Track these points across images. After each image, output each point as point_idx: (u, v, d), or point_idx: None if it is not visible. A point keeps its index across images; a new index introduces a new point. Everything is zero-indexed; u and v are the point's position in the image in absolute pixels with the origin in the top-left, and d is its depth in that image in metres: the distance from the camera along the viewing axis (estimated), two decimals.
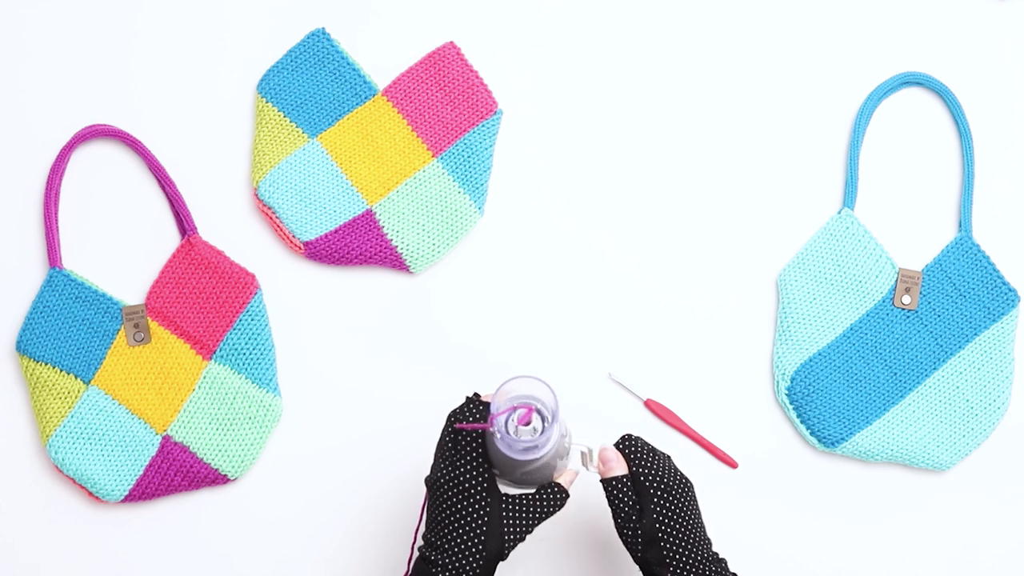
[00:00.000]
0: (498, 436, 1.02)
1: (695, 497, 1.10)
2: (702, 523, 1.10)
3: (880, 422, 1.32)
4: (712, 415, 1.34)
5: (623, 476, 1.09)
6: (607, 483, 1.10)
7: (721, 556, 1.09)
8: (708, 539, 1.09)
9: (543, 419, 1.04)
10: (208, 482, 1.30)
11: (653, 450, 1.11)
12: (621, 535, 1.08)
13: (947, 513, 1.32)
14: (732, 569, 1.14)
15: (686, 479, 1.10)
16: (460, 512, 1.04)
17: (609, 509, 1.11)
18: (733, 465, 1.33)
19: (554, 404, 1.04)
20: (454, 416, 1.07)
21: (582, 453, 1.12)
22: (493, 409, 1.03)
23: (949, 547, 1.32)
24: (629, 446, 1.11)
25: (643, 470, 1.09)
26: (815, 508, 1.32)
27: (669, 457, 1.13)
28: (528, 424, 1.04)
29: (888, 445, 1.31)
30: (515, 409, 1.04)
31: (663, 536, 1.06)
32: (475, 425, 1.04)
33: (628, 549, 1.09)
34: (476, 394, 1.09)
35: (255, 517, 1.31)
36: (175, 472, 1.29)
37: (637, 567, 1.11)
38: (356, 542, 1.30)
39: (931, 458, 1.32)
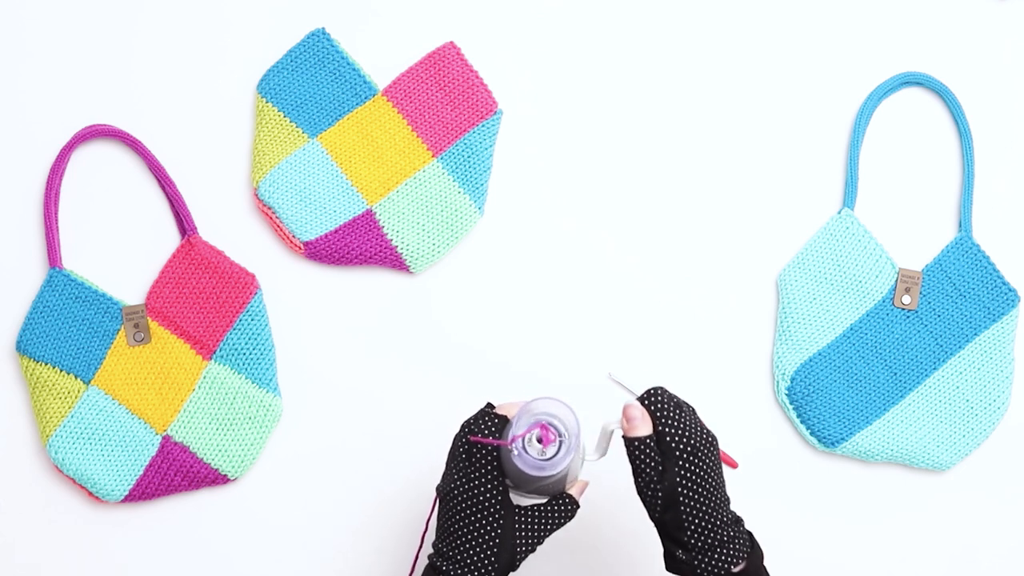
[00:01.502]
0: (515, 453, 1.03)
1: (718, 453, 1.07)
2: (723, 481, 1.07)
3: (880, 422, 1.32)
4: (712, 415, 1.34)
5: (647, 436, 1.06)
6: (630, 442, 1.06)
7: (738, 515, 1.08)
8: (727, 497, 1.07)
9: (561, 440, 1.04)
10: (208, 482, 1.30)
11: (679, 404, 1.07)
12: (641, 495, 1.06)
13: (947, 513, 1.32)
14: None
15: (710, 435, 1.07)
16: (474, 525, 1.04)
17: (630, 467, 1.08)
18: (733, 465, 1.33)
19: (576, 428, 1.04)
20: (468, 427, 1.06)
21: (611, 430, 1.10)
22: (515, 427, 1.03)
23: (949, 547, 1.32)
24: (655, 401, 1.07)
25: (669, 430, 1.05)
26: (815, 508, 1.32)
27: (694, 410, 1.09)
28: (547, 444, 1.04)
29: (888, 445, 1.31)
30: (535, 428, 1.04)
31: (684, 500, 1.04)
32: (493, 441, 1.04)
33: (647, 509, 1.06)
34: (490, 404, 1.09)
35: (255, 517, 1.31)
36: (175, 472, 1.29)
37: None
38: (356, 542, 1.30)
39: (931, 458, 1.32)
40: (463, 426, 1.07)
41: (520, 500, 1.10)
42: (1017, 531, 1.33)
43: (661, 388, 1.08)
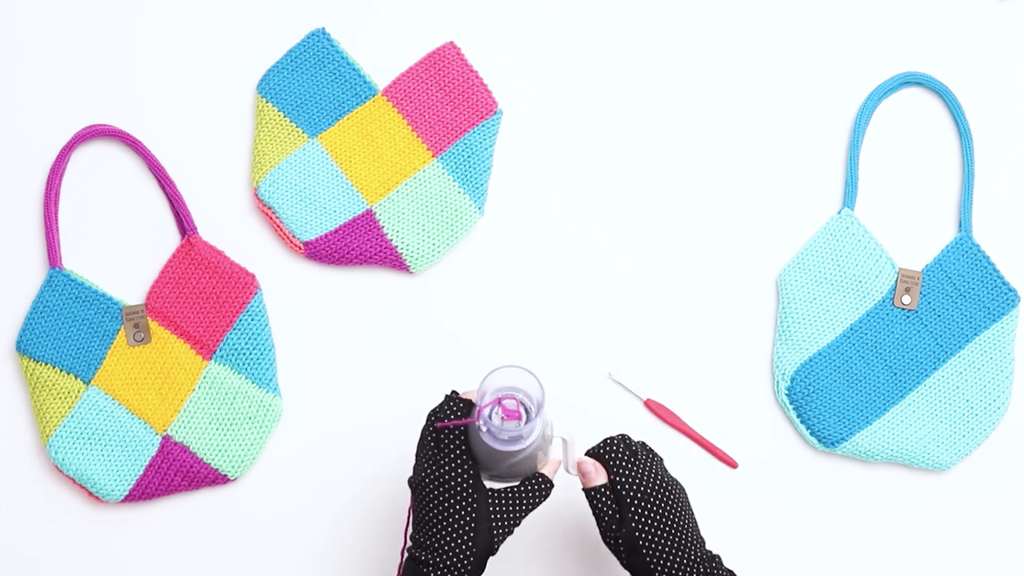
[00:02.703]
0: (483, 429, 1.02)
1: (684, 500, 1.09)
2: (692, 524, 1.08)
3: (880, 422, 1.32)
4: (712, 415, 1.34)
5: (602, 486, 1.08)
6: (588, 493, 1.09)
7: (715, 553, 1.08)
8: (700, 539, 1.08)
9: (527, 409, 1.04)
10: (208, 482, 1.30)
11: (634, 453, 1.09)
12: (605, 542, 1.08)
13: (947, 513, 1.32)
14: (731, 567, 1.14)
15: (670, 483, 1.08)
16: (447, 511, 1.04)
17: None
18: (733, 465, 1.33)
19: (540, 394, 1.03)
20: (434, 415, 1.07)
21: (563, 440, 1.11)
22: (478, 401, 1.03)
23: (949, 547, 1.32)
24: (609, 452, 1.09)
25: (620, 479, 1.08)
26: (815, 508, 1.32)
27: (658, 460, 1.11)
28: (513, 416, 1.04)
29: (888, 445, 1.31)
30: (500, 400, 1.03)
31: (644, 544, 1.05)
32: (459, 421, 1.04)
33: (614, 555, 1.08)
34: (454, 391, 1.09)
35: (255, 517, 1.31)
36: (175, 472, 1.29)
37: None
38: (356, 542, 1.30)
39: (931, 458, 1.32)
40: (429, 415, 1.08)
41: (495, 486, 1.09)
42: (1017, 531, 1.33)
43: (620, 436, 1.10)
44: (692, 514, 1.09)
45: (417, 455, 1.09)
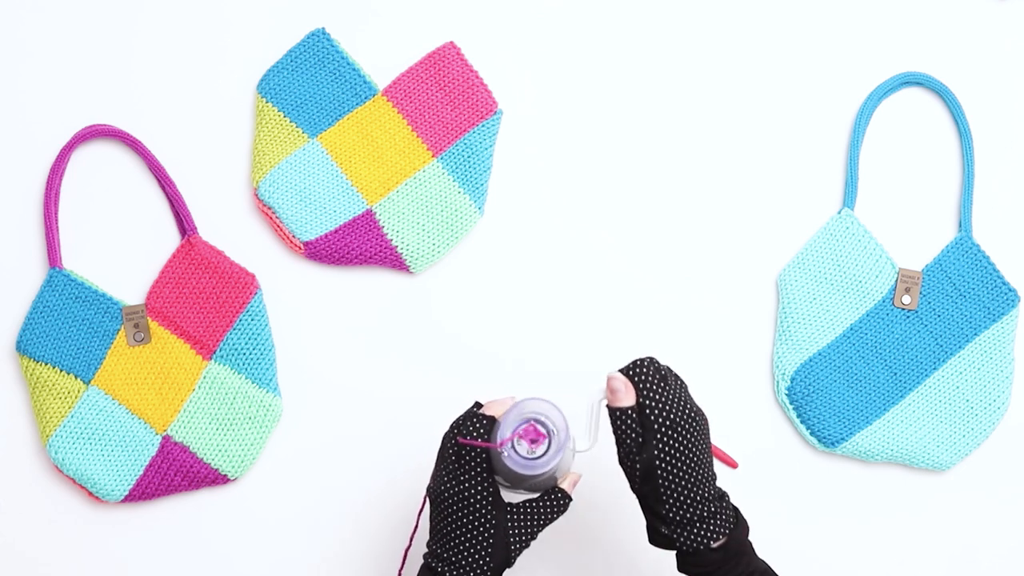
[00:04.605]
0: (505, 454, 1.03)
1: (706, 431, 1.06)
2: (709, 459, 1.06)
3: (880, 422, 1.32)
4: (712, 415, 1.33)
5: (629, 408, 1.05)
6: (612, 413, 1.06)
7: (723, 490, 1.07)
8: (713, 474, 1.06)
9: (550, 437, 1.04)
10: (208, 482, 1.30)
11: (664, 378, 1.06)
12: (622, 465, 1.06)
13: (947, 513, 1.32)
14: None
15: (696, 412, 1.06)
16: (466, 526, 1.04)
17: (614, 438, 1.07)
18: (733, 465, 1.33)
19: (563, 425, 1.04)
20: (456, 429, 1.06)
21: (589, 403, 1.09)
22: (503, 429, 1.03)
23: (949, 547, 1.32)
24: (639, 373, 1.06)
25: (649, 403, 1.04)
26: (815, 508, 1.32)
27: (683, 386, 1.08)
28: (536, 445, 1.04)
29: (888, 445, 1.31)
30: (523, 429, 1.04)
31: (661, 473, 1.03)
32: (482, 444, 1.04)
33: (628, 479, 1.06)
34: (477, 403, 1.09)
35: (255, 517, 1.31)
36: (175, 472, 1.29)
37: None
38: (356, 542, 1.30)
39: (931, 458, 1.32)
40: (451, 427, 1.07)
41: (511, 496, 1.10)
42: (1017, 531, 1.33)
43: (649, 359, 1.07)
44: (710, 449, 1.07)
45: (437, 464, 1.08)
